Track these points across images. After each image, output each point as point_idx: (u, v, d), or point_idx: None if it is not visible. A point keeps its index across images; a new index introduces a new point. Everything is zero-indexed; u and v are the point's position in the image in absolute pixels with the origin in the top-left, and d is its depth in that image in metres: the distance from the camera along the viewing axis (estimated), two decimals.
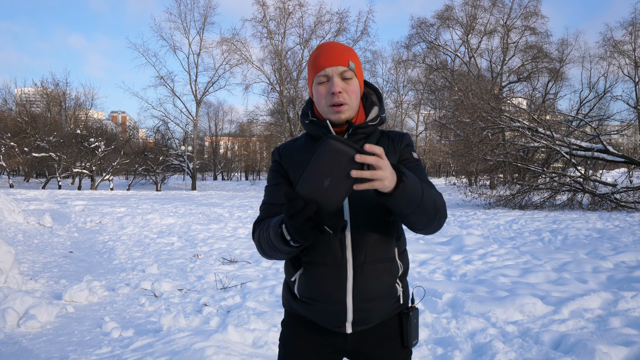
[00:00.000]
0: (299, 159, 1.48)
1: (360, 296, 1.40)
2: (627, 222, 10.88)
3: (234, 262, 6.86)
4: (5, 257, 5.33)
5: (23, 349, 3.56)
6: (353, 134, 1.44)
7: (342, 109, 1.40)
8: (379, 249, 1.42)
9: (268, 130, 42.99)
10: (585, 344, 3.17)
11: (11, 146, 34.71)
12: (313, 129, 1.48)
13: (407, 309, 1.52)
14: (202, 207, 17.32)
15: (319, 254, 1.42)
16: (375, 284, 1.41)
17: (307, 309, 1.47)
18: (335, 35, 35.48)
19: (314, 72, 1.43)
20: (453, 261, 6.62)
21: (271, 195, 1.51)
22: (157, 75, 40.35)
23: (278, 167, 1.54)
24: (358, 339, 1.48)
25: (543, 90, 34.28)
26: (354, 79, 1.43)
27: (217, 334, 3.55)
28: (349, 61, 1.41)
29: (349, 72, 1.41)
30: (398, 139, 1.52)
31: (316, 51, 1.46)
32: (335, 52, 1.42)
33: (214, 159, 63.38)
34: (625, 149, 34.36)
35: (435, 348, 3.40)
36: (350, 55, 1.44)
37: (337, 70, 1.40)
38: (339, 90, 1.39)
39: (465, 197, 19.67)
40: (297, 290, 1.48)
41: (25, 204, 16.97)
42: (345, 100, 1.40)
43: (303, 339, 1.51)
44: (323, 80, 1.42)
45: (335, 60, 1.40)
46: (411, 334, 1.49)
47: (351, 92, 1.41)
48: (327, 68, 1.40)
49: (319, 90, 1.43)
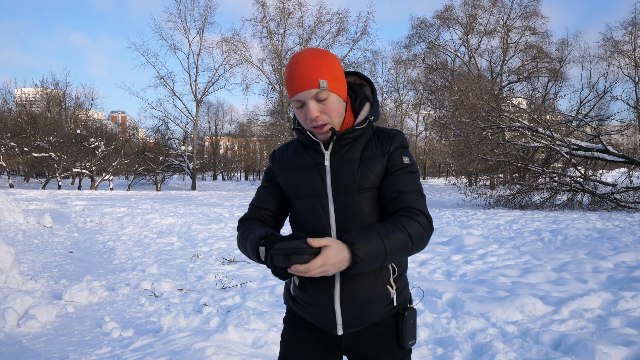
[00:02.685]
0: (290, 163, 1.52)
1: (349, 302, 1.42)
2: (627, 222, 10.88)
3: (234, 262, 6.86)
4: (5, 257, 5.32)
5: (23, 349, 3.56)
6: (339, 139, 1.43)
7: (324, 129, 1.40)
8: None
9: (268, 130, 42.99)
10: (585, 344, 3.17)
11: (11, 146, 34.69)
12: (300, 137, 1.49)
13: (403, 309, 1.51)
14: (202, 207, 17.32)
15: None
16: (365, 290, 1.42)
17: (302, 310, 1.51)
18: (335, 35, 35.55)
19: (290, 95, 1.41)
20: (453, 261, 6.62)
21: (259, 197, 1.58)
22: (157, 75, 40.34)
23: (270, 171, 1.59)
24: (353, 339, 1.49)
25: (543, 90, 34.31)
26: (330, 96, 1.37)
27: (217, 334, 3.54)
28: (319, 80, 1.34)
29: (322, 92, 1.35)
30: (387, 140, 1.45)
31: (288, 70, 1.40)
32: (303, 75, 1.35)
33: (214, 159, 63.40)
34: (625, 149, 34.39)
35: (435, 348, 3.40)
36: (321, 72, 1.35)
37: (310, 94, 1.35)
38: (316, 115, 1.37)
39: (465, 197, 19.68)
40: (292, 291, 1.53)
41: (25, 204, 16.97)
42: (324, 120, 1.39)
43: (302, 336, 1.54)
44: (299, 105, 1.40)
45: (304, 84, 1.35)
46: (407, 334, 1.49)
47: (330, 111, 1.38)
48: (298, 94, 1.37)
49: (298, 114, 1.42)
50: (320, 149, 1.45)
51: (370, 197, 1.41)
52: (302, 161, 1.49)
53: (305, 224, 1.46)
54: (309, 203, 1.45)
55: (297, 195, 1.48)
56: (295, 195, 1.49)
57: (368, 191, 1.41)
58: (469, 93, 21.36)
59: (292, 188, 1.50)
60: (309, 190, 1.45)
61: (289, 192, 1.52)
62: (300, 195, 1.47)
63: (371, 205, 1.41)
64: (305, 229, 1.45)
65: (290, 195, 1.52)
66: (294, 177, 1.49)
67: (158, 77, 40.56)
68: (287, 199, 1.55)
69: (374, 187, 1.42)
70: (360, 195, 1.41)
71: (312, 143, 1.46)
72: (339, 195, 1.42)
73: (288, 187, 1.51)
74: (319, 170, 1.44)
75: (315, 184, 1.44)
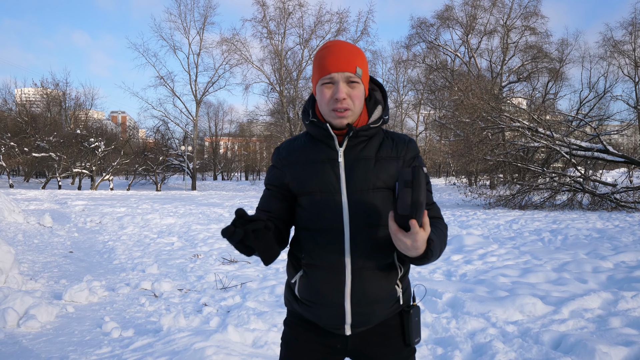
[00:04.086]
0: (299, 158, 1.48)
1: (359, 300, 1.41)
2: (627, 222, 10.88)
3: (234, 262, 6.86)
4: (5, 257, 5.32)
5: (23, 349, 3.56)
6: (354, 136, 1.43)
7: (345, 115, 1.40)
8: (378, 254, 1.42)
9: (268, 130, 43.00)
10: (585, 344, 3.17)
11: (11, 146, 34.69)
12: (313, 130, 1.47)
13: (408, 307, 1.52)
14: (202, 207, 17.32)
15: (318, 257, 1.42)
16: (374, 289, 1.41)
17: (308, 311, 1.47)
18: (335, 35, 35.48)
19: (320, 74, 1.41)
20: (453, 261, 6.62)
21: (262, 199, 1.54)
22: (157, 75, 40.32)
23: (274, 172, 1.53)
24: (359, 339, 1.48)
25: (543, 90, 34.30)
26: (360, 85, 1.41)
27: (217, 334, 3.54)
28: (357, 67, 1.39)
29: (355, 77, 1.39)
30: (403, 146, 1.48)
31: (323, 51, 1.42)
32: (343, 57, 1.38)
33: (214, 159, 63.39)
34: (625, 149, 34.38)
35: (435, 348, 3.40)
36: (359, 60, 1.41)
37: (344, 76, 1.38)
38: (344, 96, 1.38)
39: (465, 197, 19.68)
40: (297, 291, 1.49)
41: (25, 204, 16.97)
42: (348, 105, 1.39)
43: (304, 338, 1.51)
44: (327, 82, 1.40)
45: (342, 65, 1.38)
46: (412, 331, 1.49)
47: (355, 98, 1.40)
48: (333, 73, 1.38)
49: (323, 92, 1.41)
50: (334, 145, 1.44)
51: (383, 197, 1.43)
52: (313, 156, 1.46)
53: (316, 219, 1.43)
54: (321, 199, 1.42)
55: (308, 191, 1.45)
56: (305, 191, 1.45)
57: (381, 191, 1.43)
58: (469, 93, 21.36)
59: (303, 183, 1.46)
60: (322, 186, 1.42)
61: (298, 187, 1.47)
62: (312, 191, 1.44)
63: (383, 204, 1.42)
64: (316, 225, 1.43)
65: (299, 191, 1.47)
66: (304, 172, 1.46)
67: (158, 77, 40.60)
68: (294, 199, 1.51)
69: (387, 187, 1.43)
70: (375, 194, 1.42)
71: (327, 137, 1.44)
72: (353, 193, 1.41)
73: (297, 183, 1.47)
74: (332, 166, 1.43)
75: (329, 180, 1.42)
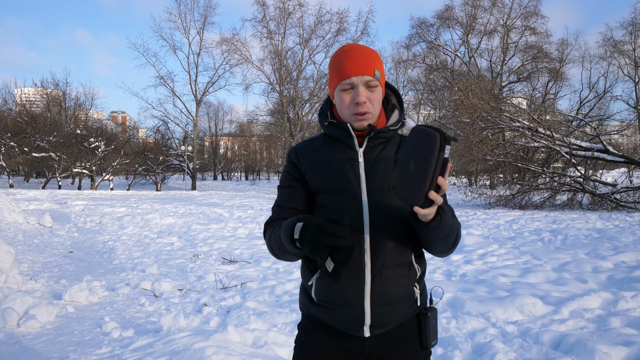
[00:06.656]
0: (319, 158, 1.48)
1: (379, 300, 1.40)
2: (627, 222, 10.88)
3: (234, 262, 6.86)
4: (5, 257, 5.32)
5: (23, 349, 3.56)
6: (374, 137, 1.44)
7: (365, 117, 1.41)
8: (398, 253, 1.42)
9: (268, 130, 43.02)
10: (585, 344, 3.17)
11: (11, 146, 34.67)
12: (332, 131, 1.47)
13: (425, 310, 1.51)
14: (202, 207, 17.32)
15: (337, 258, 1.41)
16: (394, 288, 1.41)
17: (325, 313, 1.46)
18: (335, 35, 35.44)
19: (339, 79, 1.42)
20: (453, 261, 6.62)
21: (284, 197, 1.52)
22: (157, 75, 40.25)
23: (293, 168, 1.53)
24: (376, 342, 1.46)
25: (543, 90, 34.28)
26: (378, 87, 1.43)
27: (217, 334, 3.54)
28: (375, 70, 1.40)
29: (374, 81, 1.40)
30: None
31: (341, 54, 1.43)
32: (362, 60, 1.40)
33: (214, 159, 63.40)
34: (625, 149, 34.33)
35: (435, 348, 3.40)
36: (376, 63, 1.42)
37: (363, 80, 1.39)
38: (364, 100, 1.39)
39: (465, 197, 19.69)
40: (314, 294, 1.46)
41: (25, 204, 16.96)
42: (368, 109, 1.41)
43: (320, 342, 1.49)
44: (347, 87, 1.41)
45: (361, 69, 1.39)
46: (430, 334, 1.49)
47: (374, 100, 1.42)
48: (352, 77, 1.39)
49: (342, 97, 1.42)
50: (354, 145, 1.45)
51: None
52: (333, 156, 1.47)
53: (336, 218, 1.42)
54: (342, 198, 1.43)
55: (328, 190, 1.45)
56: (325, 190, 1.46)
57: None
58: (469, 93, 21.33)
59: (323, 182, 1.46)
60: (342, 185, 1.43)
61: (317, 186, 1.48)
62: (332, 189, 1.45)
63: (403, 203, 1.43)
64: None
65: (318, 190, 1.48)
66: (324, 172, 1.46)
67: (158, 77, 40.52)
68: (312, 196, 1.51)
69: None
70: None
71: (347, 137, 1.45)
72: (374, 192, 1.42)
73: (317, 182, 1.47)
74: (352, 165, 1.44)
75: (349, 178, 1.43)
